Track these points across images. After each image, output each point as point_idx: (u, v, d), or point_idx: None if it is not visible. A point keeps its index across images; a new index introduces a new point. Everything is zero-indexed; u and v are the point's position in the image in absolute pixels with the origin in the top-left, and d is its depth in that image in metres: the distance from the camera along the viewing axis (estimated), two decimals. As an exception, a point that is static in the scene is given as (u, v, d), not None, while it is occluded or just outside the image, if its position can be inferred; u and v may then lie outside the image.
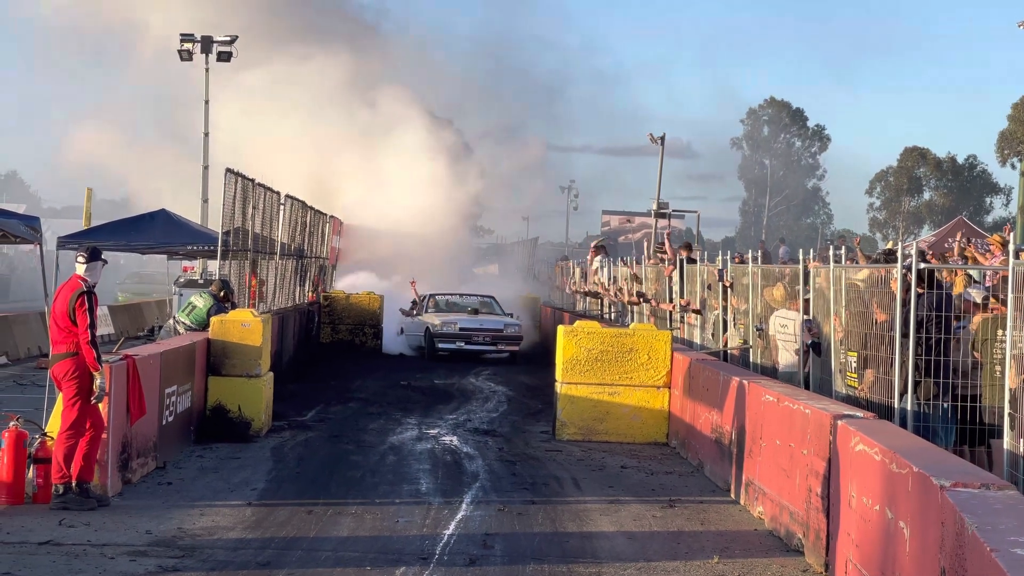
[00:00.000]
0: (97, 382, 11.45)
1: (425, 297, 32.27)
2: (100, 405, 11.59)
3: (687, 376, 16.18)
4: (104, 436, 11.69)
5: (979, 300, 11.98)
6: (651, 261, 26.09)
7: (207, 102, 41.46)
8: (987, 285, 12.73)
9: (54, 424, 11.90)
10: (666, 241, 27.66)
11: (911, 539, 7.30)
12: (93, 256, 11.81)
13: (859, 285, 12.63)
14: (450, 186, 41.39)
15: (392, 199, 39.84)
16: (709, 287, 19.98)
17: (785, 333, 15.12)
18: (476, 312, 31.16)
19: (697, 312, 20.58)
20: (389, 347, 32.13)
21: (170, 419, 14.25)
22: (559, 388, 17.34)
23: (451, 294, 33.23)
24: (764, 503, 11.83)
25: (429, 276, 34.92)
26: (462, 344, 29.65)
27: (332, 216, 36.86)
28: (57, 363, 11.52)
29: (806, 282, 14.54)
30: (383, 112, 42.64)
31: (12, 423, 11.66)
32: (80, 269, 11.72)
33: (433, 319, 30.45)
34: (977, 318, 11.70)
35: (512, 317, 31.71)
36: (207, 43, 41.01)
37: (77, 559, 9.68)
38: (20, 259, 69.84)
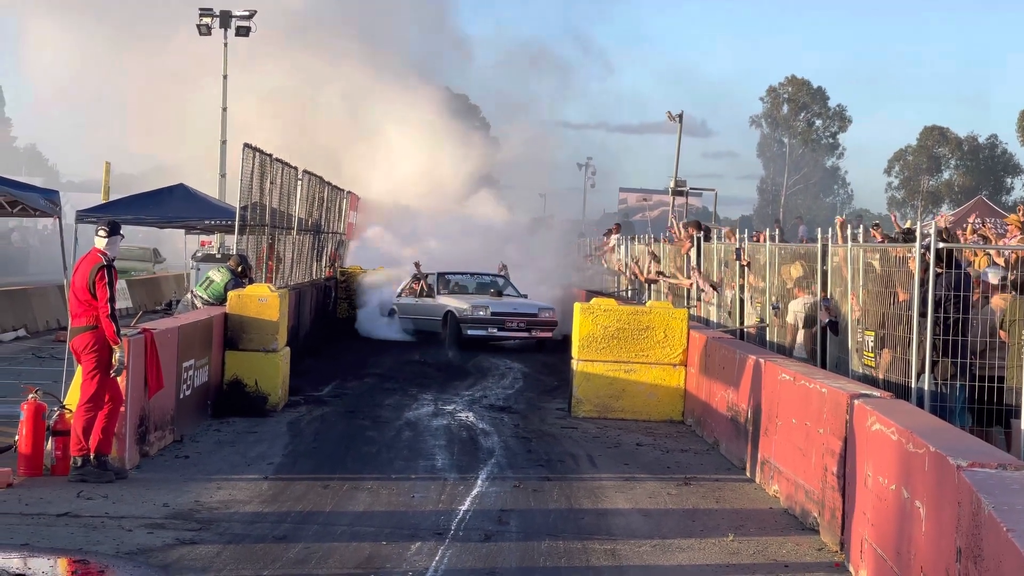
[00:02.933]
0: (116, 355, 11.50)
1: (429, 275, 29.19)
2: (119, 378, 11.65)
3: (703, 354, 16.18)
4: (122, 409, 11.75)
5: (995, 282, 11.94)
6: (676, 238, 25.66)
7: (225, 77, 41.50)
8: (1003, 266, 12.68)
9: (73, 397, 11.96)
10: (675, 224, 27.51)
11: (927, 519, 7.30)
12: (113, 230, 11.86)
13: (875, 266, 12.62)
14: (465, 160, 41.23)
15: (406, 173, 39.63)
16: (726, 265, 19.97)
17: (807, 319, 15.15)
18: (499, 293, 28.41)
19: (713, 287, 20.57)
20: (370, 330, 29.48)
21: (187, 393, 14.30)
22: (575, 365, 17.35)
23: (460, 273, 30.19)
24: (780, 482, 11.84)
25: (449, 256, 32.03)
26: (494, 330, 26.94)
27: (349, 191, 36.86)
28: (77, 336, 11.58)
29: (824, 260, 14.52)
30: (396, 84, 42.48)
31: (31, 395, 11.72)
32: (100, 243, 11.76)
33: (457, 302, 27.65)
34: (996, 299, 11.67)
35: (526, 298, 28.90)
36: (225, 18, 41.01)
37: (95, 531, 9.74)
38: (35, 233, 69.89)
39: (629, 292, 29.14)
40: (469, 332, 26.98)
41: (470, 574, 9.03)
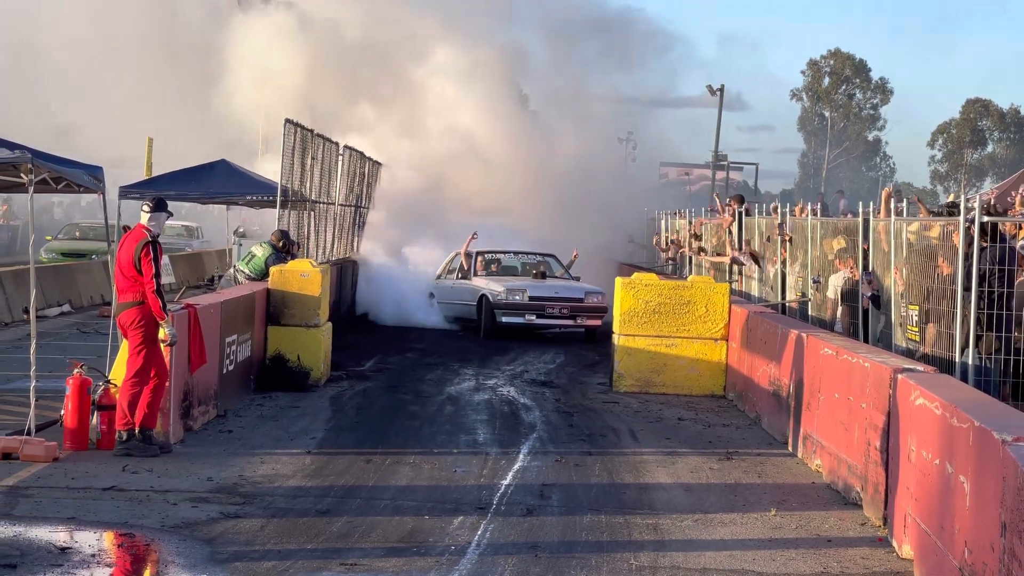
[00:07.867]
0: (166, 329, 11.59)
1: (464, 255, 26.02)
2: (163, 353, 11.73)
3: (745, 329, 16.14)
4: (167, 384, 11.84)
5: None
6: (718, 218, 25.36)
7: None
8: None
9: (118, 371, 12.06)
10: (717, 201, 27.41)
11: (971, 493, 7.27)
12: (158, 207, 11.93)
13: (912, 238, 12.54)
14: (510, 134, 40.78)
15: (440, 145, 39.12)
16: (768, 239, 19.89)
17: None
18: (543, 276, 25.08)
19: (756, 262, 20.48)
20: (391, 316, 26.29)
21: (230, 368, 14.39)
22: (616, 340, 17.35)
23: (501, 252, 26.94)
24: (822, 456, 11.81)
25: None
26: (533, 317, 23.82)
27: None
28: (123, 312, 11.66)
29: (866, 233, 14.44)
30: (434, 53, 42.00)
31: (76, 370, 11.83)
32: (144, 219, 11.84)
33: (492, 285, 24.53)
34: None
35: (578, 280, 25.52)
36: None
37: (140, 504, 9.83)
38: (78, 209, 70.18)
39: (671, 267, 29.08)
40: (504, 320, 24.01)
41: (512, 548, 9.06)
